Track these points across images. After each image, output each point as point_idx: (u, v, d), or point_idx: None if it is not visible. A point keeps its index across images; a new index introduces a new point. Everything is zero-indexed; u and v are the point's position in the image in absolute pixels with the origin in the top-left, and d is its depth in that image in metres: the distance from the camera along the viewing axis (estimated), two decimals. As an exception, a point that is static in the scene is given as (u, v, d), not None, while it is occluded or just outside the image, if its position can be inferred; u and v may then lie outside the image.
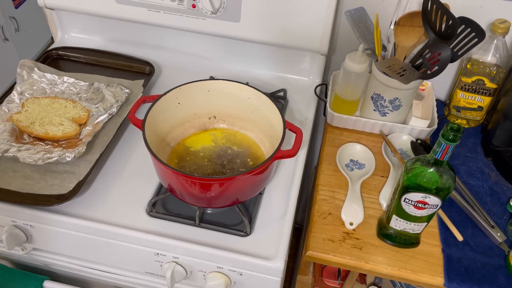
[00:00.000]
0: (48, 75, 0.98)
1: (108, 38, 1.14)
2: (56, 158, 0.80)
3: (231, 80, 0.84)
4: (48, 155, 0.81)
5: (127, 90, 0.95)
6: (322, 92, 1.04)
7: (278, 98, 1.02)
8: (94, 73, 1.03)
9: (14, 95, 0.93)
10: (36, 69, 0.98)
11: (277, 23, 0.97)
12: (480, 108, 0.96)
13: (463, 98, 0.96)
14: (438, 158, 0.62)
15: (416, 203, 0.68)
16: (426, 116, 0.94)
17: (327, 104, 0.97)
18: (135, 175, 0.85)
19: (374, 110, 0.94)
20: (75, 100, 0.93)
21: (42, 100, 0.91)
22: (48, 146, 0.84)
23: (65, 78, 0.98)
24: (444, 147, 0.60)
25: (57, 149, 0.84)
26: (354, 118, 0.95)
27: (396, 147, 0.92)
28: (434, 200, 0.67)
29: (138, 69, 1.06)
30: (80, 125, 0.89)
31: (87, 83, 0.98)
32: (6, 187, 0.79)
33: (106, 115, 0.90)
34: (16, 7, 1.89)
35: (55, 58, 1.09)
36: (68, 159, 0.80)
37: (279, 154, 0.72)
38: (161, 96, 0.80)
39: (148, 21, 1.03)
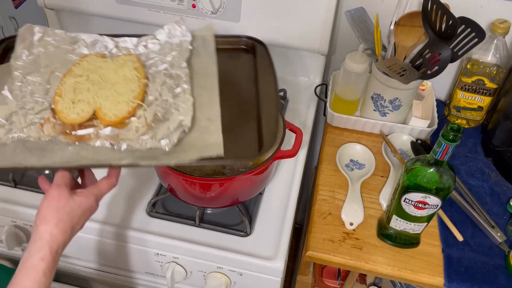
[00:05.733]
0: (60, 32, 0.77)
1: (108, 38, 1.14)
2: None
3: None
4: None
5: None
6: (322, 92, 1.04)
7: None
8: None
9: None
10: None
11: (277, 23, 0.97)
12: (480, 108, 0.96)
13: (463, 98, 0.96)
14: (438, 158, 0.62)
15: (416, 203, 0.68)
16: (426, 116, 0.94)
17: (327, 104, 0.97)
18: (135, 175, 0.85)
19: (374, 110, 0.94)
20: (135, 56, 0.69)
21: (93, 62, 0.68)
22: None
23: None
24: (444, 147, 0.60)
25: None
26: (354, 118, 0.94)
27: (396, 147, 0.92)
28: (434, 200, 0.67)
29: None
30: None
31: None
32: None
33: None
34: (16, 7, 1.89)
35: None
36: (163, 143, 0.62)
37: (279, 154, 0.72)
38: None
39: (148, 21, 1.03)
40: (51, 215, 0.58)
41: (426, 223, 0.72)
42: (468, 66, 0.92)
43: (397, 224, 0.73)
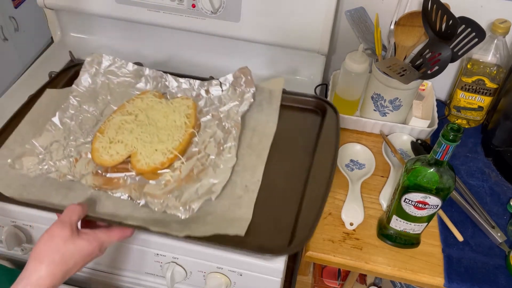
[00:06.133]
0: (130, 66, 0.76)
1: (108, 38, 1.14)
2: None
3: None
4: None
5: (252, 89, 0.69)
6: (322, 92, 1.04)
7: (278, 98, 1.02)
8: None
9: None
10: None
11: (277, 23, 0.97)
12: (480, 108, 0.96)
13: (464, 98, 0.96)
14: (439, 158, 0.62)
15: (416, 203, 0.68)
16: (426, 116, 0.94)
17: (327, 104, 0.97)
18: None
19: (374, 110, 0.94)
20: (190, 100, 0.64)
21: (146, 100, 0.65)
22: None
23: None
24: (444, 147, 0.60)
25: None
26: (354, 118, 0.94)
27: (396, 147, 0.92)
28: (434, 200, 0.67)
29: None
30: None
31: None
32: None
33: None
34: (16, 7, 1.89)
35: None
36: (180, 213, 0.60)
37: (279, 155, 0.72)
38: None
39: (148, 21, 1.03)
40: (44, 254, 0.53)
41: (426, 223, 0.72)
42: (468, 66, 0.92)
43: (397, 224, 0.73)
